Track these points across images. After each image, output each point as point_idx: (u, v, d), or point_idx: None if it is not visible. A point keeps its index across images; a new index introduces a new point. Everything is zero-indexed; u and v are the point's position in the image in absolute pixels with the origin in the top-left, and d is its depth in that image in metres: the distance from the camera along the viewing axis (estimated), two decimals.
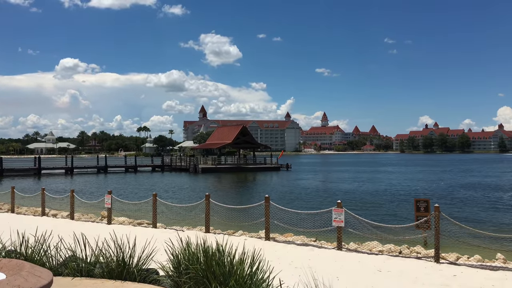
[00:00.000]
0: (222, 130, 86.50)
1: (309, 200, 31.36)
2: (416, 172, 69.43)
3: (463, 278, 10.11)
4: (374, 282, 9.53)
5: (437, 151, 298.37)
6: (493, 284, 9.52)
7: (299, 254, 12.41)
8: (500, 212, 25.13)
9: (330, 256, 12.28)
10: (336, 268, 10.73)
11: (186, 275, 6.06)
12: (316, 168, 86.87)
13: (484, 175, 60.74)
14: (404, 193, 36.31)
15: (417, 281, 9.71)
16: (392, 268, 10.88)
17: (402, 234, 14.11)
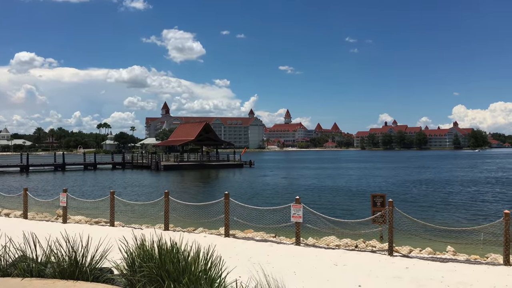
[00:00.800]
0: (185, 127, 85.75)
1: (270, 197, 31.59)
2: (375, 169, 71.26)
3: (415, 270, 10.49)
4: (330, 276, 9.73)
5: (396, 148, 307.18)
6: (443, 276, 9.92)
7: (258, 250, 12.50)
8: (450, 206, 26.19)
9: (288, 251, 12.44)
10: (293, 263, 10.88)
11: (140, 273, 5.99)
12: (278, 165, 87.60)
13: (438, 171, 63.08)
14: (363, 188, 37.20)
15: (371, 274, 9.99)
16: (348, 262, 11.14)
17: (359, 229, 14.46)
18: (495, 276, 9.91)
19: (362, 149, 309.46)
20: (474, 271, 10.45)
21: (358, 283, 9.15)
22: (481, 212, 23.49)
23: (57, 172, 66.42)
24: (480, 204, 26.91)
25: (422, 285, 9.13)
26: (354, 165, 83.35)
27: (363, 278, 9.59)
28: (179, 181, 49.47)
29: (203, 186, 44.06)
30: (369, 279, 9.55)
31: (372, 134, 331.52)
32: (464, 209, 24.80)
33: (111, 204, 16.51)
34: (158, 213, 16.48)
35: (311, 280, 9.26)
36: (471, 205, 26.66)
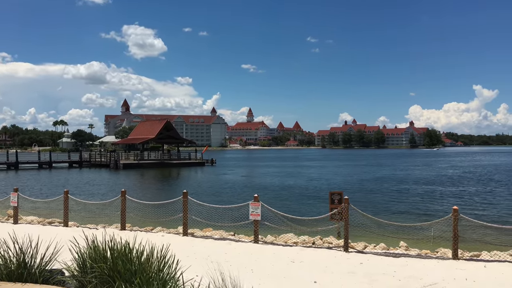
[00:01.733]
0: (146, 125, 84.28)
1: (230, 195, 31.57)
2: (334, 167, 72.62)
3: (369, 265, 10.76)
4: (287, 273, 9.83)
5: (355, 147, 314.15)
6: (395, 270, 10.23)
7: (216, 248, 12.46)
8: (403, 203, 27.07)
9: (246, 249, 12.47)
10: (251, 260, 10.92)
11: (91, 274, 5.84)
12: (240, 163, 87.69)
13: (393, 169, 65.03)
14: (322, 186, 37.83)
15: (326, 270, 10.17)
16: (304, 259, 11.30)
17: (317, 226, 14.67)
18: (444, 270, 10.31)
19: (323, 148, 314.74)
20: (424, 265, 10.84)
21: (314, 279, 9.29)
22: (432, 208, 24.41)
23: (10, 171, 63.67)
24: (431, 201, 27.96)
25: (374, 280, 9.39)
26: (314, 164, 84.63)
27: (319, 274, 9.76)
28: (139, 180, 48.60)
29: (163, 184, 43.48)
30: (325, 275, 9.72)
31: (333, 133, 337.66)
32: (416, 206, 25.69)
33: (65, 204, 16.01)
34: (115, 213, 16.12)
35: (268, 278, 9.33)
36: (423, 201, 27.65)
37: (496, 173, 53.71)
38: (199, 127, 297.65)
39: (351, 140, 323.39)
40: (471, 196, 30.47)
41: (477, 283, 9.15)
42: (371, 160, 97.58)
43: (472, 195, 31.02)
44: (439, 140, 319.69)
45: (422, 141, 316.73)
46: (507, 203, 26.68)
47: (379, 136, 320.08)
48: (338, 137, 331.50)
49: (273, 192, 33.45)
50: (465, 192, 33.09)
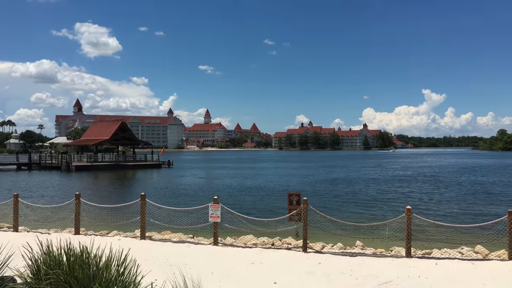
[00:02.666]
0: (99, 126, 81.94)
1: (189, 197, 31.27)
2: (291, 168, 73.50)
3: (327, 265, 10.97)
4: (246, 275, 9.85)
5: (311, 148, 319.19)
6: (352, 269, 10.48)
7: (175, 251, 12.30)
8: (359, 203, 27.79)
9: (206, 251, 12.39)
10: (211, 263, 10.87)
11: (46, 281, 5.61)
12: (198, 165, 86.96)
13: (348, 170, 66.63)
14: (280, 187, 38.18)
15: (286, 271, 10.28)
16: (264, 260, 11.36)
17: (276, 227, 14.80)
18: (398, 267, 10.68)
19: (280, 149, 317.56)
20: (380, 263, 11.17)
21: (273, 280, 9.37)
22: (386, 208, 25.20)
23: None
24: (386, 201, 28.87)
25: (332, 279, 9.58)
26: (271, 165, 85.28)
27: (279, 275, 9.85)
28: (93, 183, 47.13)
29: (118, 187, 42.39)
30: (284, 276, 9.82)
31: (289, 134, 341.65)
32: (371, 206, 26.44)
33: (15, 208, 15.28)
34: (68, 217, 15.57)
35: (228, 280, 9.31)
36: (377, 201, 28.51)
37: (443, 173, 56.21)
38: (155, 128, 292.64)
39: (308, 142, 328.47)
40: (422, 195, 31.72)
41: (429, 280, 9.53)
42: (326, 162, 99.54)
43: (423, 194, 32.30)
44: (391, 142, 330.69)
45: (375, 143, 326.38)
46: (455, 202, 27.99)
47: (334, 138, 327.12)
48: (294, 139, 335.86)
49: (232, 194, 33.42)
50: (417, 192, 34.41)
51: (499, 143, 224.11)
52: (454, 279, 9.66)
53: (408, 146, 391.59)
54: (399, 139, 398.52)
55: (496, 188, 37.04)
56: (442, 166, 76.53)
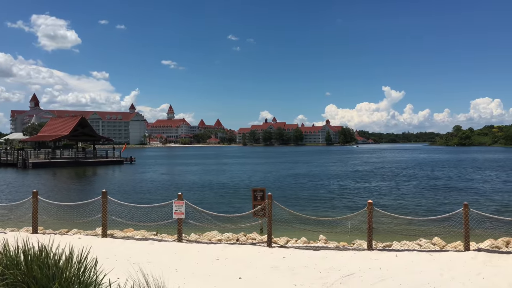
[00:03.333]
0: (58, 121, 79.16)
1: (152, 194, 30.79)
2: (255, 164, 73.76)
3: (291, 259, 11.08)
4: (211, 271, 9.81)
5: (275, 144, 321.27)
6: (315, 263, 10.64)
7: (138, 249, 12.09)
8: (322, 198, 28.25)
9: (170, 248, 12.25)
10: (175, 260, 10.75)
11: (3, 282, 5.38)
12: (161, 161, 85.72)
13: (311, 166, 67.54)
14: (244, 183, 38.24)
15: (251, 266, 10.31)
16: (229, 256, 11.35)
17: (240, 223, 14.81)
18: (360, 260, 10.93)
19: (244, 145, 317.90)
20: (342, 256, 11.39)
21: (238, 275, 9.37)
22: (349, 203, 25.73)
23: None
24: (347, 195, 29.47)
25: (296, 273, 9.69)
26: (235, 161, 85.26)
27: (244, 270, 9.86)
28: (51, 180, 45.58)
29: (78, 184, 41.21)
30: (249, 271, 9.85)
31: (253, 130, 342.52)
32: (334, 200, 26.92)
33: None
34: (25, 215, 14.99)
35: (193, 276, 9.24)
36: (340, 196, 29.06)
37: (402, 168, 57.95)
38: (117, 124, 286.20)
39: (271, 138, 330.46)
40: (382, 190, 32.59)
41: (390, 271, 9.80)
42: (290, 158, 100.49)
43: (383, 189, 33.19)
44: (352, 138, 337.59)
45: (337, 139, 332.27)
46: (413, 196, 28.95)
47: (297, 134, 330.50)
48: (258, 135, 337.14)
49: (196, 190, 33.18)
50: (377, 186, 35.31)
51: (454, 139, 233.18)
52: (413, 270, 9.99)
53: (369, 142, 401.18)
54: (360, 135, 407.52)
55: (452, 182, 38.56)
56: (401, 161, 78.89)
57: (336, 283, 8.97)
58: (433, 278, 9.21)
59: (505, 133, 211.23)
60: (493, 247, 12.07)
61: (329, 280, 9.19)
